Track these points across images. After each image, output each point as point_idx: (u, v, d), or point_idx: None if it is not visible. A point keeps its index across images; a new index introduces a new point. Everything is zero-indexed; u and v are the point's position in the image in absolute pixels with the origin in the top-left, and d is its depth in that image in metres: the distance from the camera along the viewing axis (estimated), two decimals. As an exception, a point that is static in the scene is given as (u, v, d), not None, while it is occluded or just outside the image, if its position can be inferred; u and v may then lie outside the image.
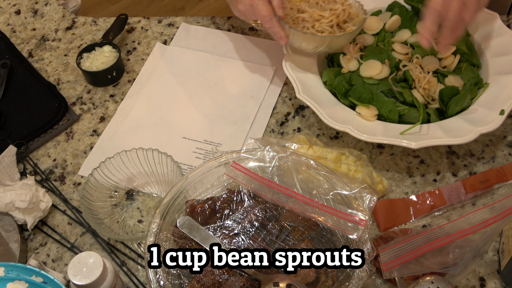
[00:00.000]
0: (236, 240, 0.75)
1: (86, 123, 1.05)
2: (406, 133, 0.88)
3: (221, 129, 1.01)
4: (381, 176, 0.90)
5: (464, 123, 0.89)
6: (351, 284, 0.71)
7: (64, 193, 0.95)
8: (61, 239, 0.90)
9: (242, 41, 1.14)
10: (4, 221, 0.89)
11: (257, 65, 1.10)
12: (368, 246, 0.74)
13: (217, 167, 0.84)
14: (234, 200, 0.79)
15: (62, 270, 0.87)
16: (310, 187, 0.80)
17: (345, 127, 0.89)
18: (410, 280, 0.77)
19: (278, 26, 0.91)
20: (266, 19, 0.90)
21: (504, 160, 0.94)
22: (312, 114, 1.02)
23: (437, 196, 0.88)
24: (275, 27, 0.91)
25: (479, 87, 0.95)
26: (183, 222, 0.77)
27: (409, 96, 0.92)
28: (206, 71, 1.10)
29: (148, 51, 1.15)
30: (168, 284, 0.73)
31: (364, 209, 0.77)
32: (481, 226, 0.75)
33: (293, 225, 0.77)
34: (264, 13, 0.90)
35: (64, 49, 1.17)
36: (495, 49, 0.98)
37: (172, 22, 1.20)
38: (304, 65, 0.98)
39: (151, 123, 1.03)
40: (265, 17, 0.90)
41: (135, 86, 1.09)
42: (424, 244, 0.76)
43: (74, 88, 1.11)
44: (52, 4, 1.26)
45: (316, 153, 0.90)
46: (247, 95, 1.06)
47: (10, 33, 1.21)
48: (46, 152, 1.01)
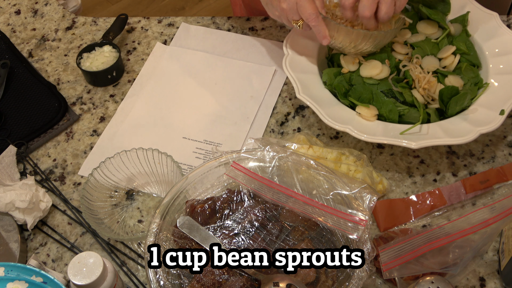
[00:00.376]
0: (236, 240, 0.75)
1: (86, 123, 1.05)
2: (406, 133, 0.88)
3: (221, 129, 1.01)
4: (381, 176, 0.90)
5: (464, 123, 0.89)
6: (351, 284, 0.71)
7: (64, 193, 0.95)
8: (61, 239, 0.90)
9: (242, 41, 1.14)
10: (4, 221, 0.89)
11: (257, 65, 1.10)
12: (368, 246, 0.74)
13: (217, 167, 0.84)
14: (234, 200, 0.79)
15: (62, 270, 0.87)
16: (310, 187, 0.80)
17: (345, 127, 0.89)
18: (410, 280, 0.77)
19: (323, 25, 0.91)
20: (312, 16, 0.89)
21: (504, 160, 0.94)
22: (312, 114, 1.02)
23: (437, 196, 0.88)
24: (321, 25, 0.90)
25: (479, 87, 0.95)
26: (183, 222, 0.77)
27: (409, 96, 0.92)
28: (206, 71, 1.10)
29: (148, 51, 1.15)
30: (168, 284, 0.73)
31: (364, 209, 0.77)
32: (481, 226, 0.75)
33: (293, 225, 0.77)
34: (310, 10, 0.89)
35: (64, 49, 1.17)
36: (495, 49, 0.98)
37: (172, 22, 1.20)
38: (304, 65, 0.98)
39: (151, 123, 1.03)
40: (311, 15, 0.89)
41: (135, 86, 1.09)
42: (424, 244, 0.76)
43: (74, 88, 1.11)
44: (52, 4, 1.26)
45: (316, 153, 0.90)
46: (247, 95, 1.06)
47: (10, 33, 1.21)
48: (46, 152, 1.01)
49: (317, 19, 0.90)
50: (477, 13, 1.02)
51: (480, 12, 1.02)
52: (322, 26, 0.91)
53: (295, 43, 1.00)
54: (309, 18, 0.90)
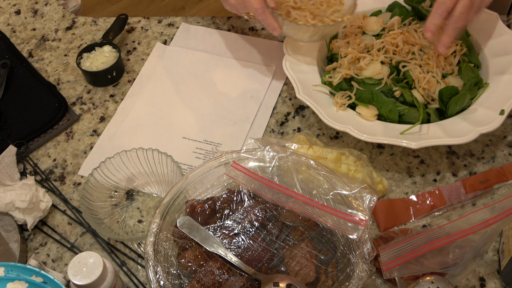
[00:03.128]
0: (236, 240, 0.75)
1: (86, 123, 1.05)
2: (406, 133, 0.88)
3: (221, 129, 1.01)
4: (381, 176, 0.90)
5: (464, 123, 0.89)
6: (351, 284, 0.71)
7: (64, 193, 0.95)
8: (61, 239, 0.90)
9: (242, 41, 1.14)
10: (4, 221, 0.89)
11: (257, 65, 1.10)
12: (368, 246, 0.74)
13: (217, 167, 0.84)
14: (234, 200, 0.79)
15: (62, 270, 0.87)
16: (310, 187, 0.80)
17: (345, 127, 0.89)
18: (410, 280, 0.77)
19: (271, 18, 0.92)
20: (259, 11, 0.91)
21: (504, 160, 0.94)
22: (312, 114, 1.02)
23: (437, 196, 0.88)
24: (268, 18, 0.92)
25: (479, 87, 0.95)
26: (183, 222, 0.77)
27: (409, 96, 0.92)
28: (206, 71, 1.10)
29: (148, 51, 1.15)
30: (168, 284, 0.73)
31: (364, 209, 0.77)
32: (481, 226, 0.75)
33: (293, 225, 0.77)
34: (256, 5, 0.90)
35: (64, 49, 1.17)
36: (495, 49, 0.98)
37: (172, 22, 1.20)
38: (304, 65, 0.98)
39: (151, 123, 1.03)
40: (257, 10, 0.91)
41: (135, 86, 1.09)
42: (424, 244, 0.76)
43: (74, 88, 1.11)
44: (52, 4, 1.26)
45: (316, 153, 0.90)
46: (247, 95, 1.06)
47: (10, 33, 1.21)
48: (46, 152, 1.01)
49: (264, 13, 0.91)
50: (477, 13, 1.02)
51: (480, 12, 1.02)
52: (269, 20, 0.92)
53: (295, 43, 1.00)
54: (255, 13, 0.91)
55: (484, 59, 0.98)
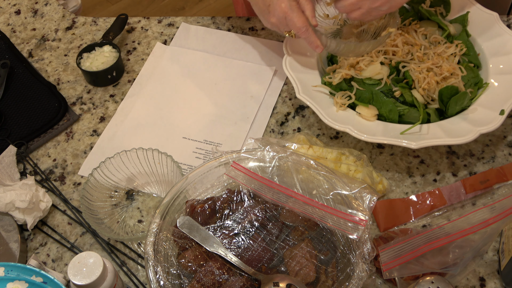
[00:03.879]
0: (236, 240, 0.75)
1: (86, 123, 1.05)
2: (406, 133, 0.88)
3: (221, 129, 1.01)
4: (381, 176, 0.90)
5: (464, 123, 0.89)
6: (351, 284, 0.71)
7: (64, 193, 0.95)
8: (61, 239, 0.90)
9: (242, 41, 1.14)
10: (4, 221, 0.89)
11: (257, 65, 1.10)
12: (368, 246, 0.74)
13: (217, 167, 0.84)
14: (234, 200, 0.79)
15: (62, 270, 0.87)
16: (310, 187, 0.80)
17: (345, 127, 0.89)
18: (410, 280, 0.77)
19: (314, 36, 0.90)
20: (302, 30, 0.89)
21: (504, 160, 0.94)
22: (312, 114, 1.02)
23: (437, 196, 0.88)
24: (311, 37, 0.90)
25: (479, 87, 0.95)
26: (183, 222, 0.77)
27: (409, 96, 0.92)
28: (206, 71, 1.10)
29: (148, 51, 1.15)
30: (168, 284, 0.73)
31: (364, 209, 0.77)
32: (481, 226, 0.75)
33: (293, 225, 0.77)
34: (299, 24, 0.88)
35: (64, 49, 1.17)
36: (495, 49, 0.98)
37: (172, 22, 1.20)
38: (304, 65, 0.98)
39: (151, 123, 1.03)
40: (301, 29, 0.89)
41: (135, 86, 1.09)
42: (424, 244, 0.76)
43: (74, 88, 1.11)
44: (52, 4, 1.26)
45: (316, 153, 0.90)
46: (247, 95, 1.06)
47: (10, 33, 1.21)
48: (46, 152, 1.01)
49: (307, 32, 0.89)
50: (477, 13, 1.02)
51: (480, 12, 1.02)
52: (312, 37, 0.90)
53: (295, 43, 1.00)
54: (298, 32, 0.90)
55: (484, 59, 0.98)
